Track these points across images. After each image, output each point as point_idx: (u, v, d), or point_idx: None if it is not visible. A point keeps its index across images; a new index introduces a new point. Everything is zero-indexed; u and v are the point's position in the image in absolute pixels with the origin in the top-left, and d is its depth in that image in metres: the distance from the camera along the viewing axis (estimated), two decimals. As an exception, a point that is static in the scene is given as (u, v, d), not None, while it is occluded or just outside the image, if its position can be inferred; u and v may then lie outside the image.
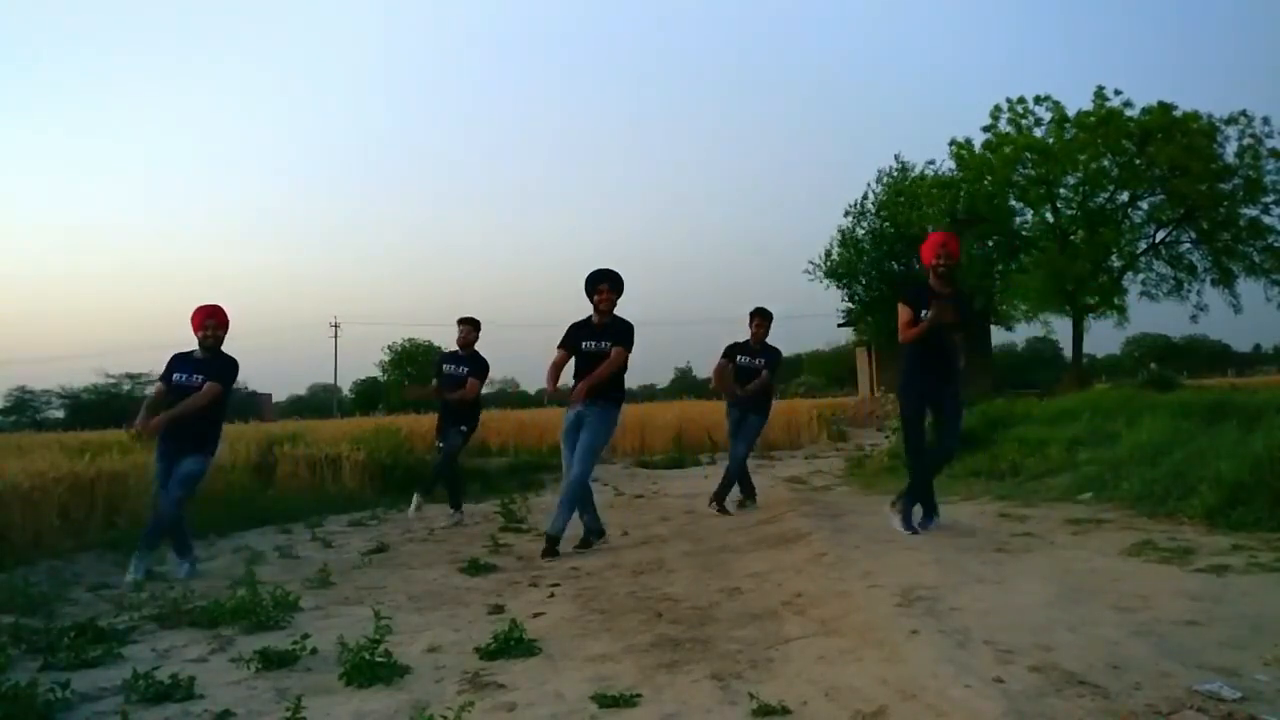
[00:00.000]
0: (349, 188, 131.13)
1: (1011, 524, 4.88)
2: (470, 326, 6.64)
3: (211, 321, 4.79)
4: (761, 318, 6.46)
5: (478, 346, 6.66)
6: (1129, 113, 21.02)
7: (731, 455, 6.51)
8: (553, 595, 3.82)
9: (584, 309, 5.11)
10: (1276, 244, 21.26)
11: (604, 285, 5.03)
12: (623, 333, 5.02)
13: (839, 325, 29.53)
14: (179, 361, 4.80)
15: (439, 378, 6.61)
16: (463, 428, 6.52)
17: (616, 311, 5.09)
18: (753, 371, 6.33)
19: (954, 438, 4.81)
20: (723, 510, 6.17)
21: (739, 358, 6.40)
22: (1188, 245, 22.58)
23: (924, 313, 4.49)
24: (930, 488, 4.75)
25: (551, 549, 4.76)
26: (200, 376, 4.68)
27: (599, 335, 4.99)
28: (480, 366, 6.57)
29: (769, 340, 6.49)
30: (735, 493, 6.46)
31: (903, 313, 4.62)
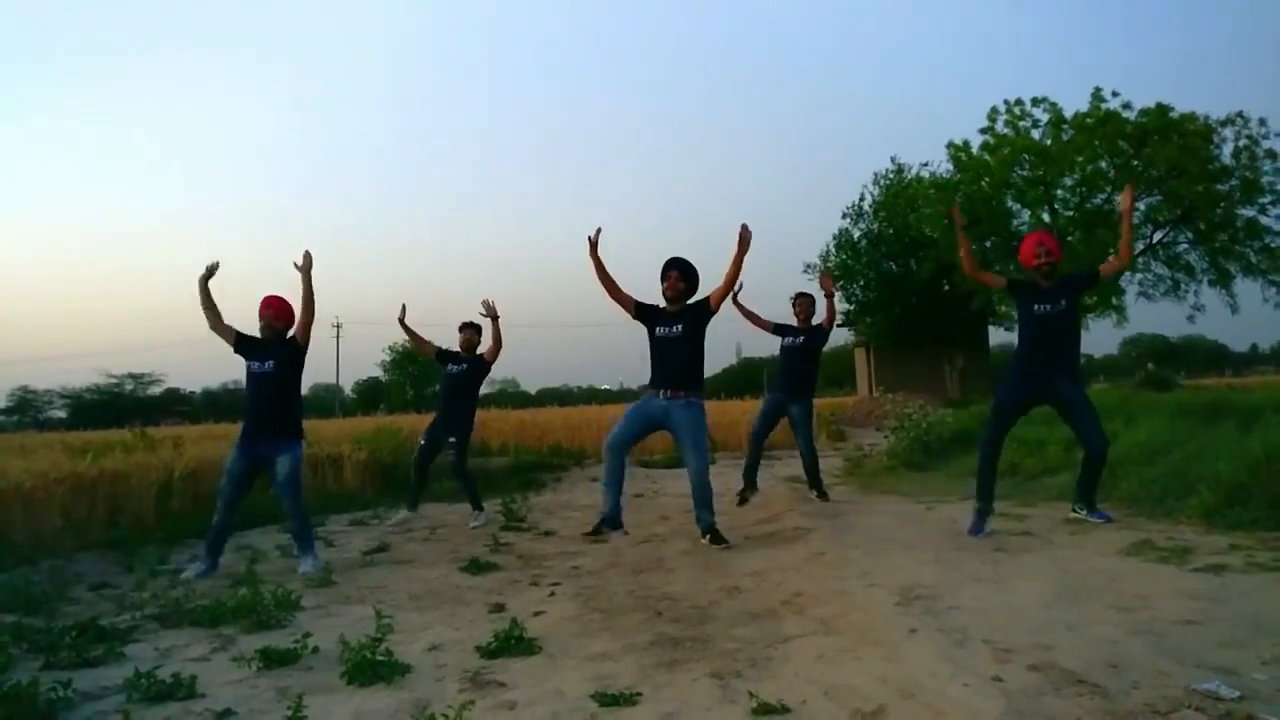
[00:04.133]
0: (350, 188, 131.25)
1: (1010, 523, 4.89)
2: (473, 331, 6.66)
3: (269, 313, 4.85)
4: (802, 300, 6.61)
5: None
6: (1126, 114, 21.03)
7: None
8: (553, 594, 3.82)
9: (582, 310, 5.13)
10: (1273, 244, 21.28)
11: (674, 272, 4.99)
12: (699, 307, 4.97)
13: (837, 325, 29.56)
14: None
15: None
16: (453, 439, 6.49)
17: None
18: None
19: (1093, 432, 4.67)
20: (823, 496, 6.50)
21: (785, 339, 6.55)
22: (1185, 246, 22.60)
23: (1036, 307, 4.68)
24: (1096, 485, 4.80)
25: (718, 538, 4.76)
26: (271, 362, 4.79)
27: (672, 320, 4.93)
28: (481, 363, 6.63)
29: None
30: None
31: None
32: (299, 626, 3.23)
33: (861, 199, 26.69)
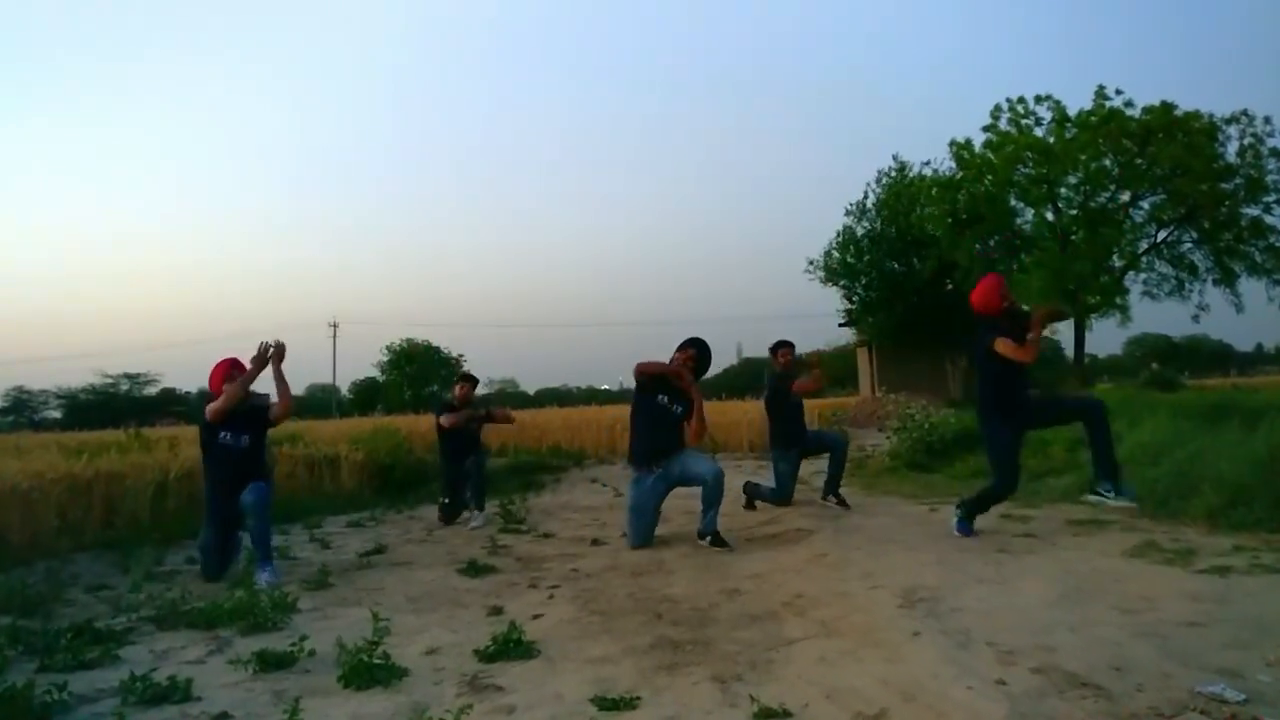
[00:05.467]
0: (348, 189, 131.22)
1: (1013, 524, 4.87)
2: (470, 384, 7.01)
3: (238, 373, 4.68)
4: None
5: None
6: (1130, 112, 20.98)
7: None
8: (552, 597, 3.80)
9: (582, 310, 5.13)
10: (1278, 243, 21.23)
11: (693, 350, 5.15)
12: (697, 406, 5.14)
13: (840, 325, 29.55)
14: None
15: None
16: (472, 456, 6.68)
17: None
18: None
19: (1080, 402, 4.81)
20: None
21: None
22: (1189, 245, 22.54)
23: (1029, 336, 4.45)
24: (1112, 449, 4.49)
25: (719, 541, 4.78)
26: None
27: (677, 398, 5.04)
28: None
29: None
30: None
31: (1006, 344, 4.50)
32: (295, 629, 3.21)
33: (865, 197, 26.67)
